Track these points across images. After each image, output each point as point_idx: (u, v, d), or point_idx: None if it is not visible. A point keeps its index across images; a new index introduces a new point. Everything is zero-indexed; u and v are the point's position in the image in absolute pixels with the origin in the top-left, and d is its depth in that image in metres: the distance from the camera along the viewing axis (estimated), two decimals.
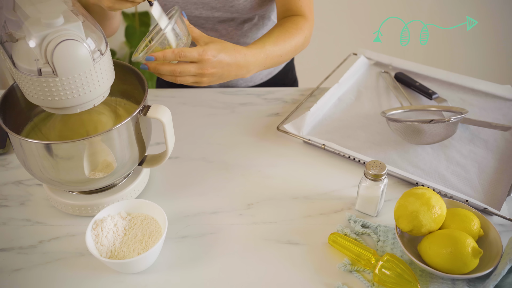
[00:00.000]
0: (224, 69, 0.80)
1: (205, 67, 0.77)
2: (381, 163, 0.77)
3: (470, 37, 2.16)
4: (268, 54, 0.88)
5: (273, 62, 0.91)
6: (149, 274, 0.73)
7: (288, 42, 0.92)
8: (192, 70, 0.77)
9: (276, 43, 0.90)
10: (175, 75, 0.77)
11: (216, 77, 0.81)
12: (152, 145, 0.97)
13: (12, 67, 0.67)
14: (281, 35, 0.92)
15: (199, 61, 0.77)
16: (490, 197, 0.85)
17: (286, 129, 0.98)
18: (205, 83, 0.81)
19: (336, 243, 0.75)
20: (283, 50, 0.91)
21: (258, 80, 1.22)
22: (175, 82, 0.78)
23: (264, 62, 0.88)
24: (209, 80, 0.80)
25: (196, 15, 1.07)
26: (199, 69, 0.77)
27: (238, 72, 0.83)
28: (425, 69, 1.16)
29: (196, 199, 0.86)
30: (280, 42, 0.91)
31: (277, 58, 0.91)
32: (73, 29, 0.64)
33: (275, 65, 0.93)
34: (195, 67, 0.77)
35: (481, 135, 0.98)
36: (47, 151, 0.70)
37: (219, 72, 0.80)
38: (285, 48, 0.92)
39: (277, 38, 0.91)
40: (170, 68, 0.76)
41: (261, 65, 0.88)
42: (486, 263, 0.70)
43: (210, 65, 0.78)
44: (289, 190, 0.87)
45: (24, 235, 0.79)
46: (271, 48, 0.89)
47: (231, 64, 0.81)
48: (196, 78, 0.79)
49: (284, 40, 0.92)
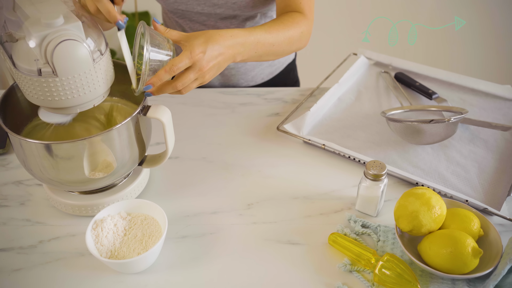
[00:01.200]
0: (218, 58, 0.78)
1: (201, 66, 0.76)
2: (381, 163, 0.77)
3: (470, 37, 2.16)
4: (258, 38, 0.85)
5: (265, 49, 0.88)
6: (149, 274, 0.73)
7: (282, 32, 0.90)
8: (191, 76, 0.76)
9: (268, 31, 0.87)
10: (178, 89, 0.76)
11: (215, 69, 0.79)
12: (152, 145, 0.97)
13: (12, 67, 0.67)
14: (274, 25, 0.90)
15: (193, 64, 0.76)
16: (490, 197, 0.85)
17: (286, 129, 0.98)
18: (208, 79, 0.79)
19: (336, 243, 0.75)
20: (275, 39, 0.88)
21: (260, 80, 1.22)
22: (181, 94, 0.77)
23: (255, 46, 0.85)
24: (211, 75, 0.79)
25: (198, 11, 1.07)
26: (197, 71, 0.76)
27: (230, 54, 0.81)
28: (425, 69, 1.16)
29: (196, 199, 0.86)
30: (272, 30, 0.88)
31: (270, 47, 0.88)
32: (73, 29, 0.64)
33: (268, 55, 0.90)
34: (193, 71, 0.76)
35: (481, 135, 0.98)
36: (47, 151, 0.70)
37: (215, 63, 0.78)
38: (278, 37, 0.89)
39: (269, 27, 0.89)
40: (172, 85, 0.76)
41: (251, 49, 0.85)
42: (486, 263, 0.70)
43: (204, 62, 0.76)
44: (289, 190, 0.87)
45: (24, 235, 0.79)
46: (262, 34, 0.86)
47: (222, 51, 0.79)
48: (198, 80, 0.78)
49: (277, 30, 0.89)
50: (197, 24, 1.11)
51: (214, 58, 0.78)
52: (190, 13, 1.09)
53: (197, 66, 0.76)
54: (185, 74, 0.75)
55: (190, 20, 1.11)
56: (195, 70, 0.76)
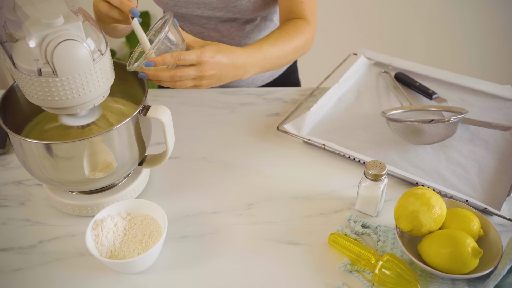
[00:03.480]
0: (222, 70, 0.80)
1: (204, 69, 0.77)
2: (381, 163, 0.77)
3: (470, 37, 2.16)
4: (265, 55, 0.87)
5: (271, 63, 0.90)
6: (149, 274, 0.73)
7: (287, 44, 0.91)
8: (191, 73, 0.76)
9: (274, 44, 0.89)
10: (175, 80, 0.76)
11: (214, 79, 0.80)
12: (152, 145, 0.97)
13: (12, 67, 0.67)
14: (280, 37, 0.91)
15: (198, 63, 0.76)
16: (490, 197, 0.85)
17: (286, 129, 0.98)
18: (204, 86, 0.80)
19: (336, 243, 0.75)
20: (281, 52, 0.90)
21: (260, 82, 1.22)
22: (174, 87, 0.78)
23: (262, 63, 0.87)
24: (208, 83, 0.80)
25: (198, 15, 1.07)
26: (198, 71, 0.77)
27: (235, 73, 0.83)
28: (425, 69, 1.16)
29: (196, 199, 0.86)
30: (278, 43, 0.90)
31: (276, 60, 0.90)
32: (73, 29, 0.64)
33: (274, 67, 0.92)
34: (195, 69, 0.76)
35: (481, 135, 0.98)
36: (47, 151, 0.70)
37: (218, 73, 0.79)
38: (284, 49, 0.91)
39: (275, 40, 0.90)
40: (170, 73, 0.75)
41: (259, 66, 0.87)
42: (486, 263, 0.70)
43: (209, 66, 0.77)
44: (289, 190, 0.87)
45: (24, 235, 0.79)
46: (269, 49, 0.88)
47: (228, 65, 0.80)
48: (195, 81, 0.78)
49: (283, 42, 0.91)
50: (197, 27, 1.11)
51: (219, 67, 0.79)
52: (190, 16, 1.09)
53: (201, 67, 0.77)
54: (186, 69, 0.76)
55: (190, 23, 1.11)
56: (197, 69, 0.77)
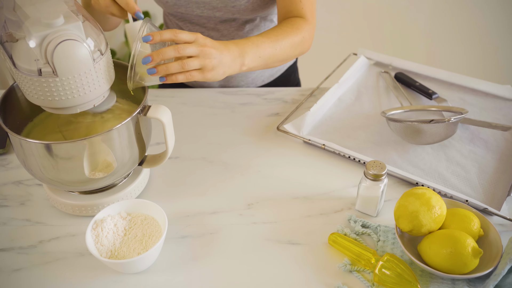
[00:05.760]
0: (218, 49, 0.78)
1: (202, 42, 0.76)
2: (381, 163, 0.77)
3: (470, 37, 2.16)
4: (256, 44, 0.86)
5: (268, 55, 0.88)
6: (149, 274, 0.73)
7: (281, 37, 0.90)
8: (193, 49, 0.75)
9: (265, 36, 0.88)
10: (184, 68, 0.74)
11: (216, 60, 0.78)
12: (152, 145, 0.97)
13: (12, 67, 0.67)
14: (273, 31, 0.91)
15: (196, 39, 0.75)
16: (490, 197, 0.85)
17: (286, 129, 0.98)
18: (209, 70, 0.77)
19: (336, 243, 0.75)
20: (275, 44, 0.89)
21: (260, 82, 1.21)
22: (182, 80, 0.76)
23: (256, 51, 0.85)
24: (212, 65, 0.77)
25: (198, 14, 1.07)
26: (198, 46, 0.75)
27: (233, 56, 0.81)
28: (425, 69, 1.16)
29: (196, 199, 0.86)
30: (271, 36, 0.89)
31: (271, 51, 0.88)
32: (73, 29, 0.65)
33: (273, 61, 0.90)
34: (194, 45, 0.75)
35: (481, 135, 0.98)
36: (47, 151, 0.70)
37: (217, 53, 0.77)
38: (278, 43, 0.89)
39: (267, 33, 0.90)
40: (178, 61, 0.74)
41: (254, 54, 0.85)
42: (486, 263, 0.70)
43: (206, 40, 0.77)
44: (289, 190, 0.87)
45: (24, 235, 0.79)
46: (259, 39, 0.87)
47: (222, 47, 0.79)
48: (199, 59, 0.76)
49: (276, 35, 0.90)
50: (197, 27, 1.11)
51: (215, 47, 0.78)
52: (190, 15, 1.09)
53: (199, 42, 0.76)
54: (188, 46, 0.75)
55: (190, 22, 1.11)
56: (197, 44, 0.75)
